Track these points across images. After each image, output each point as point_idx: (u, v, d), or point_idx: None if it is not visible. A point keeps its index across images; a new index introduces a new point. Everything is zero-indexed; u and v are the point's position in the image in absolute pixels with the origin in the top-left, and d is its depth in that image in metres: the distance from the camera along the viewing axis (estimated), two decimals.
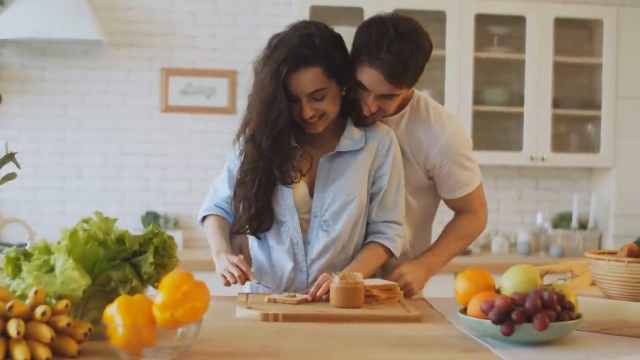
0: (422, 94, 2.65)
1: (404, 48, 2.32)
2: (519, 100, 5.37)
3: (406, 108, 2.58)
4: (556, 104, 5.37)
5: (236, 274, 2.32)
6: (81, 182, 5.36)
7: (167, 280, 1.59)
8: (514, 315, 1.75)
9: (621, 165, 5.37)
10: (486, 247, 5.58)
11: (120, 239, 1.74)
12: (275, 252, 2.48)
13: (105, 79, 5.35)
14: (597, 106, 5.42)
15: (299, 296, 2.24)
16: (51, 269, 1.70)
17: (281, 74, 2.28)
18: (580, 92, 5.63)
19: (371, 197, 2.49)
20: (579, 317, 1.85)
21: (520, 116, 5.35)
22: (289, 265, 2.46)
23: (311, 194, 2.45)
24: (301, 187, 2.44)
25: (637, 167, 5.37)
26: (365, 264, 2.43)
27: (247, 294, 2.37)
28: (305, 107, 2.33)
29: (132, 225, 5.24)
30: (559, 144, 5.45)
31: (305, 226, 2.45)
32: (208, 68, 5.42)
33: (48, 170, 5.32)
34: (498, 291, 1.96)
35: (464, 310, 1.93)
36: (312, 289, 2.28)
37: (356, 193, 2.43)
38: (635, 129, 5.37)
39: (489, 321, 1.78)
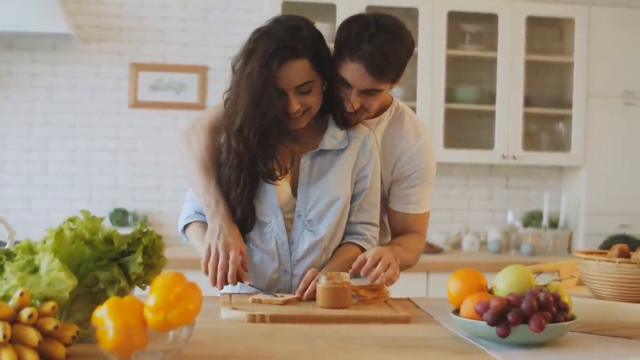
0: (401, 103, 2.63)
1: (385, 41, 2.29)
2: (490, 98, 5.37)
3: (384, 114, 2.55)
4: (528, 102, 5.38)
5: (230, 273, 2.26)
6: (48, 179, 5.27)
7: (159, 281, 1.53)
8: (509, 317, 1.72)
9: (592, 163, 5.40)
10: (457, 246, 5.58)
11: (108, 239, 1.68)
12: (258, 253, 2.42)
13: (74, 74, 5.27)
14: (568, 105, 5.44)
15: (286, 296, 2.20)
16: (35, 270, 1.65)
17: (271, 67, 2.22)
18: (552, 90, 5.64)
19: (352, 198, 2.46)
20: (573, 318, 1.83)
21: (492, 114, 5.35)
22: (273, 266, 2.41)
23: (294, 192, 2.41)
24: (284, 185, 2.39)
25: (607, 166, 5.40)
26: (344, 264, 2.39)
27: (230, 294, 2.32)
28: (292, 100, 2.28)
29: None
30: (530, 142, 5.46)
31: (288, 226, 2.40)
32: (178, 63, 5.37)
33: (14, 166, 5.23)
34: (490, 291, 1.93)
35: (457, 311, 1.90)
36: (300, 286, 2.25)
37: (341, 193, 2.40)
38: (605, 127, 5.40)
39: (483, 322, 1.75)
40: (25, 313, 1.50)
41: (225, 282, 2.27)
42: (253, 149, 2.31)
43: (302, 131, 2.40)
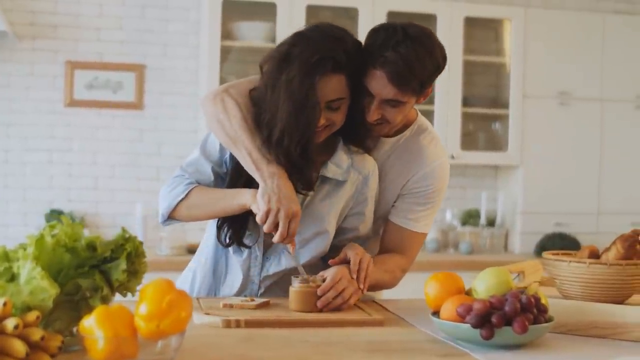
0: (425, 121, 2.52)
1: (410, 50, 2.18)
2: (429, 98, 5.38)
3: (406, 132, 2.45)
4: (465, 102, 5.44)
5: (291, 232, 2.17)
6: None
7: (150, 288, 1.49)
8: (494, 319, 1.73)
9: (528, 163, 5.48)
10: None
11: (91, 245, 1.63)
12: (231, 259, 2.39)
13: (7, 72, 5.13)
14: (505, 105, 5.52)
15: (257, 300, 2.18)
16: (12, 278, 1.59)
17: (314, 77, 2.13)
18: (488, 90, 5.72)
19: (343, 231, 2.38)
20: (551, 319, 1.85)
21: (430, 114, 5.38)
22: (240, 275, 2.36)
23: None
24: None
25: (543, 165, 5.50)
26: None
27: (199, 298, 2.29)
28: (321, 115, 2.18)
29: (34, 224, 5.04)
30: (468, 141, 5.52)
31: (267, 241, 2.32)
32: (115, 62, 5.27)
33: None
34: (468, 294, 1.93)
35: (434, 314, 1.90)
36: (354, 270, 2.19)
37: (329, 227, 2.32)
38: (541, 127, 5.50)
39: (466, 325, 1.75)
40: (10, 323, 1.44)
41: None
42: (294, 161, 2.19)
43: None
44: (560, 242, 5.24)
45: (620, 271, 2.01)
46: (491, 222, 5.56)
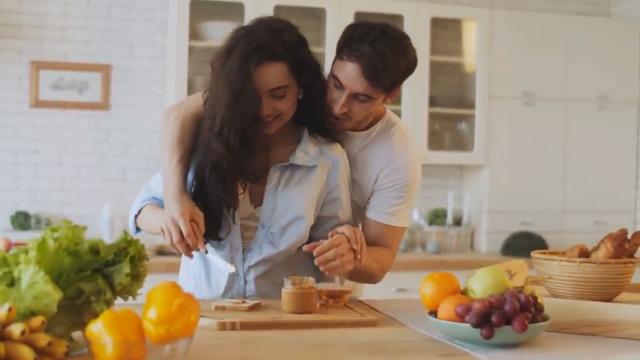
0: (394, 116, 2.57)
1: (386, 47, 2.26)
2: (396, 98, 5.41)
3: (375, 126, 2.49)
4: (431, 102, 5.47)
5: (192, 245, 2.17)
6: None
7: (159, 292, 1.48)
8: (493, 319, 1.74)
9: (493, 163, 5.53)
10: None
11: (94, 249, 1.61)
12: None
13: None
14: (470, 105, 5.56)
15: (248, 302, 2.17)
16: (12, 282, 1.57)
17: (249, 66, 2.17)
18: (454, 91, 5.75)
19: (324, 220, 2.40)
20: (547, 318, 1.87)
21: (397, 114, 5.32)
22: (225, 271, 2.37)
23: (253, 202, 2.36)
24: (245, 193, 2.35)
25: (508, 165, 5.55)
26: None
27: None
28: (265, 103, 2.22)
29: (0, 226, 4.97)
30: (434, 141, 5.55)
31: (250, 233, 2.35)
32: (80, 62, 5.21)
33: None
34: (464, 293, 1.94)
35: (431, 314, 1.91)
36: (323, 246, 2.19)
37: (305, 212, 2.34)
38: (506, 127, 5.55)
39: (465, 325, 1.77)
40: (17, 329, 1.42)
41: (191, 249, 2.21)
42: (235, 151, 2.23)
43: (274, 142, 2.35)
44: (526, 241, 5.29)
45: (610, 270, 2.04)
46: (458, 222, 5.59)
